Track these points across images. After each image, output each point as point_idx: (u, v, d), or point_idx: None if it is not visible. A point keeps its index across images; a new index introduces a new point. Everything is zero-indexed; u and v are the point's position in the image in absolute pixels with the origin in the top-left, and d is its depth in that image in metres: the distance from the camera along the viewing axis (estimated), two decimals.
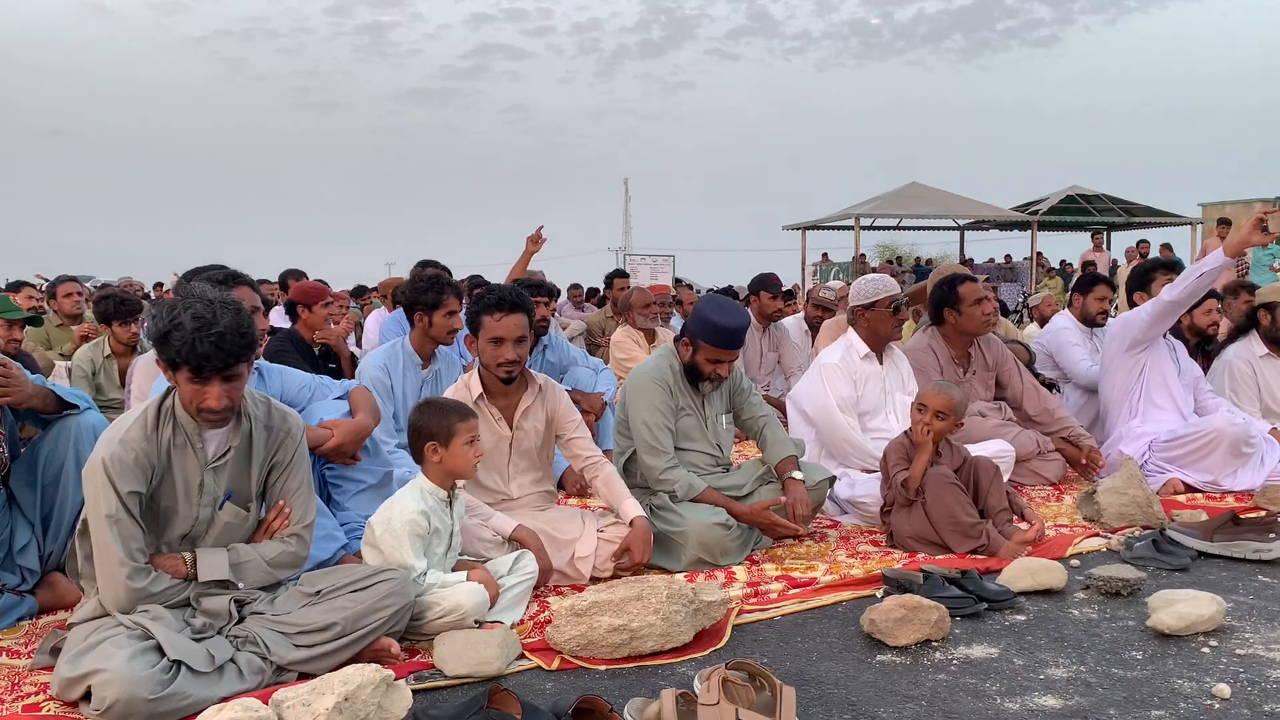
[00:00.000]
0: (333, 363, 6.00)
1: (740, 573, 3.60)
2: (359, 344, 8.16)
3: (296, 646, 2.62)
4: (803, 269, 25.01)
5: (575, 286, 15.43)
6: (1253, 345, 5.51)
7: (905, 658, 2.80)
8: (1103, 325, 5.92)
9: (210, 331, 2.52)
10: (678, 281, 22.70)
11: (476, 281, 7.01)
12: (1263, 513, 4.16)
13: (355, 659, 2.63)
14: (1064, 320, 6.09)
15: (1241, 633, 2.96)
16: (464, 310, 4.16)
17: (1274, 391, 5.43)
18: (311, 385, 3.68)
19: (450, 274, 6.37)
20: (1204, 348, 5.82)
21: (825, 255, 27.51)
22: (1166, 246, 17.27)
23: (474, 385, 3.63)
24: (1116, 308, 10.84)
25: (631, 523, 3.52)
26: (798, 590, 3.36)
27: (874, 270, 21.83)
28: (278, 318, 7.60)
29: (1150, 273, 5.78)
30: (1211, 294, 6.07)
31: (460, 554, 3.17)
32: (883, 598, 3.12)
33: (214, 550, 2.73)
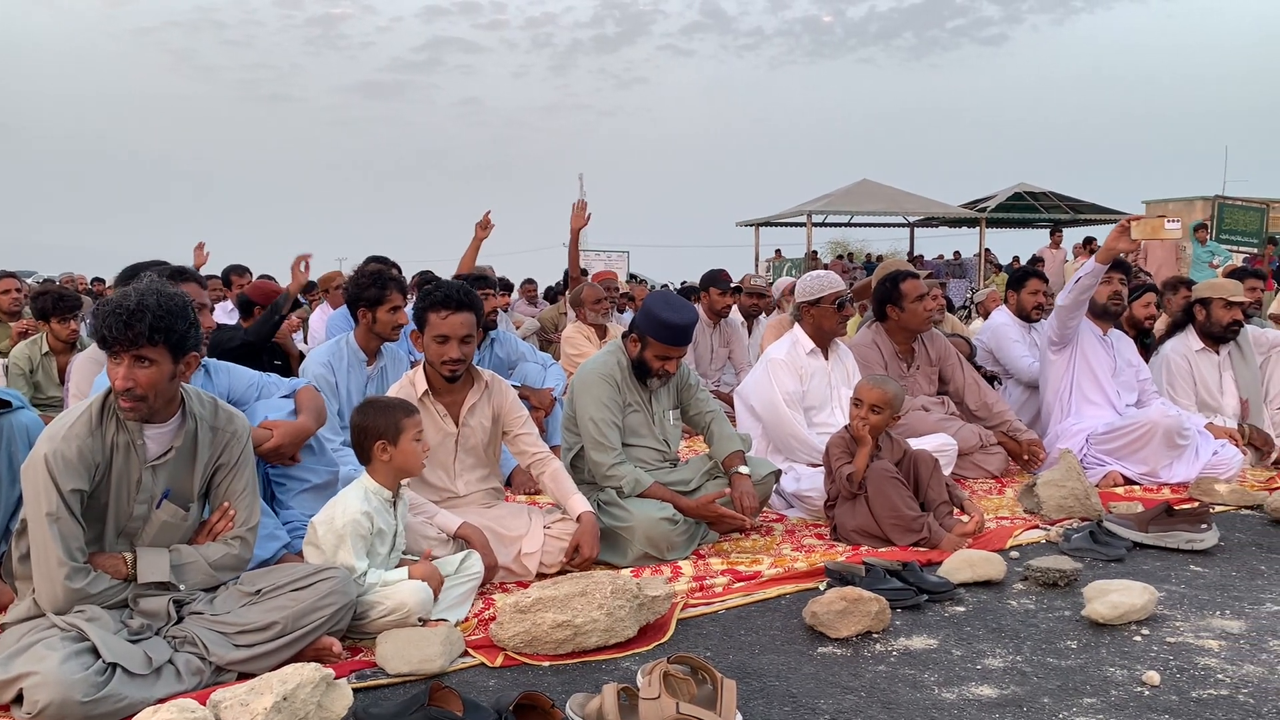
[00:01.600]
0: (279, 359, 5.94)
1: (686, 567, 3.62)
2: (305, 340, 8.07)
3: (236, 646, 2.59)
4: (756, 265, 25.11)
5: (529, 282, 15.35)
6: (1189, 340, 5.63)
7: (846, 649, 2.83)
8: (1039, 320, 6.03)
9: (123, 305, 2.50)
10: (632, 277, 22.72)
11: (426, 277, 6.95)
12: (1196, 504, 4.26)
13: (296, 658, 2.60)
14: (1002, 316, 6.19)
15: (1172, 621, 3.03)
16: (410, 306, 4.13)
17: (1209, 386, 5.56)
18: (259, 384, 3.63)
19: (399, 269, 6.33)
20: (1142, 341, 5.95)
21: (779, 251, 27.67)
22: (1091, 240, 17.58)
23: (419, 382, 3.61)
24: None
25: (579, 518, 3.53)
26: (742, 584, 3.39)
27: (825, 266, 22.02)
28: (223, 315, 7.50)
29: (1024, 279, 6.11)
30: (1150, 289, 6.22)
31: (405, 553, 3.16)
32: (825, 590, 3.16)
33: (155, 550, 2.69)
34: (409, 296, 5.07)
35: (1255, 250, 14.29)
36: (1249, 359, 5.62)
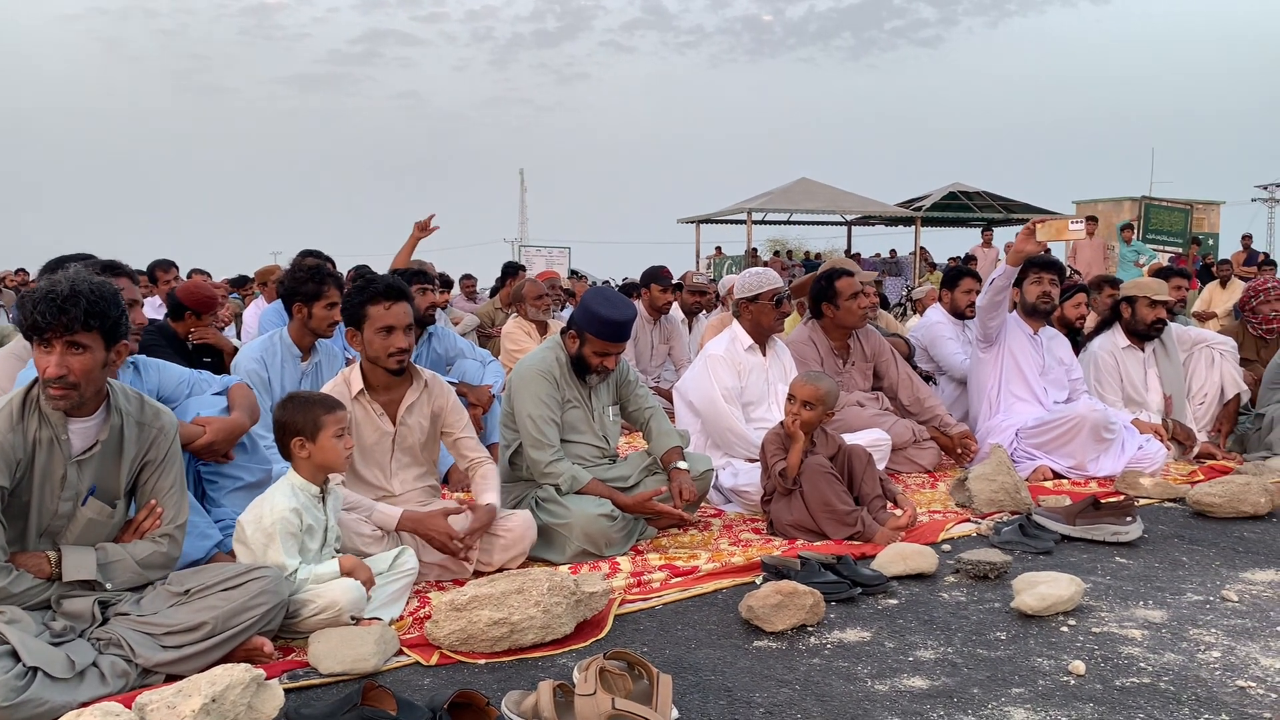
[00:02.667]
0: (209, 356, 5.81)
1: (624, 563, 3.63)
2: (239, 335, 7.93)
3: (164, 648, 2.54)
4: (697, 262, 25.23)
5: (468, 277, 15.23)
6: (1116, 337, 5.77)
7: (781, 643, 2.86)
8: (970, 317, 6.15)
9: (56, 291, 2.46)
10: (574, 273, 22.68)
11: (362, 272, 6.86)
12: (1121, 497, 4.37)
13: (227, 659, 2.56)
14: (937, 314, 6.30)
15: (1098, 612, 3.11)
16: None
17: (1134, 382, 5.70)
18: (190, 380, 3.56)
19: (333, 264, 6.23)
20: (1073, 339, 6.09)
21: (719, 248, 27.80)
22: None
23: (354, 380, 3.56)
24: None
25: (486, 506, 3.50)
26: (680, 579, 3.41)
27: (765, 264, 22.18)
28: (151, 310, 7.32)
29: (958, 278, 6.28)
30: (1081, 289, 6.36)
31: (340, 551, 3.12)
32: (761, 585, 3.18)
33: (80, 549, 2.63)
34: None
35: (1180, 250, 14.70)
36: (1172, 356, 5.78)
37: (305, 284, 4.32)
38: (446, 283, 11.37)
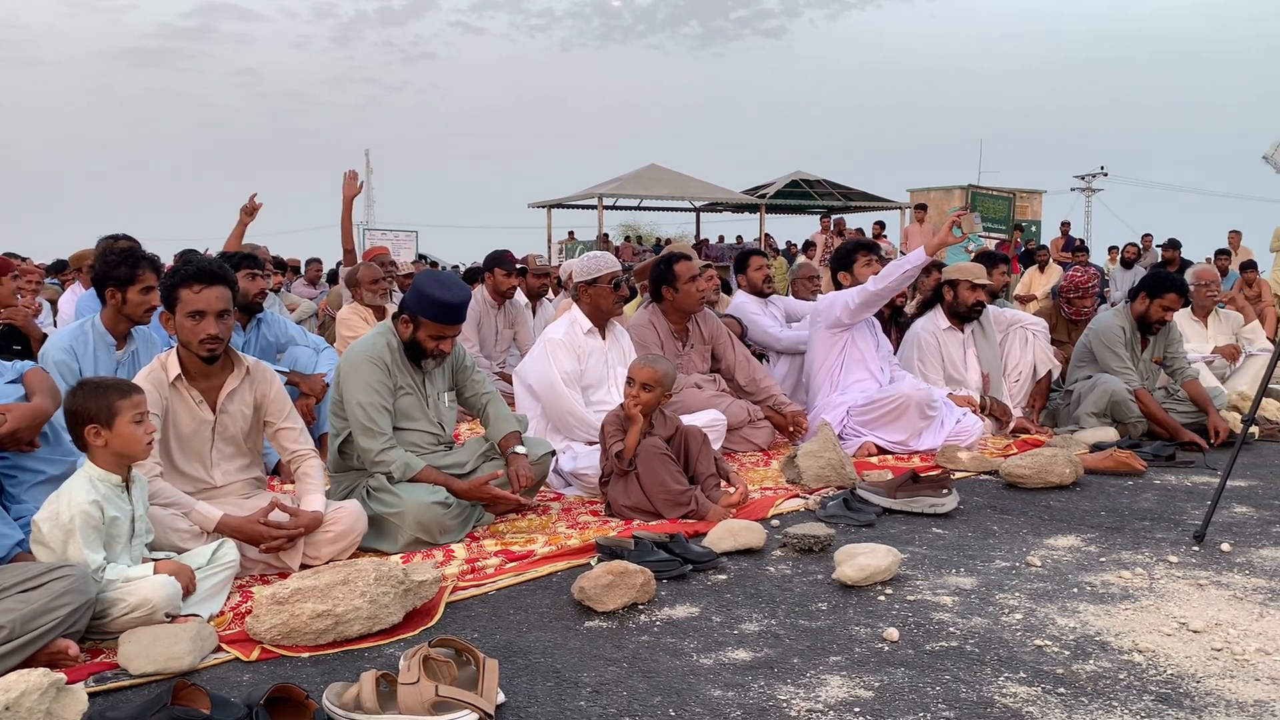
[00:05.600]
0: (18, 344, 5.47)
1: (459, 550, 3.59)
2: (56, 324, 7.46)
3: None
4: (549, 247, 25.12)
5: (314, 261, 14.75)
6: (938, 319, 6.05)
7: (612, 622, 2.89)
8: (769, 294, 6.42)
9: None
10: (421, 258, 22.23)
11: (189, 257, 6.55)
12: (939, 471, 4.60)
13: (27, 664, 2.41)
14: (741, 296, 6.54)
15: (913, 580, 3.26)
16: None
17: (955, 361, 6.00)
18: None
19: (142, 248, 5.92)
20: (896, 320, 6.36)
21: (571, 233, 27.74)
22: (880, 224, 18.70)
23: (171, 366, 3.40)
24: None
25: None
26: (515, 564, 3.40)
27: (617, 249, 22.30)
28: None
29: (852, 254, 6.10)
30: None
31: (154, 548, 2.98)
32: (595, 566, 3.21)
33: None
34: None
35: (1004, 236, 15.52)
36: (990, 337, 6.11)
37: (118, 268, 4.10)
38: (281, 266, 10.98)
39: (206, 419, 3.43)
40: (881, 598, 3.09)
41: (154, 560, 2.87)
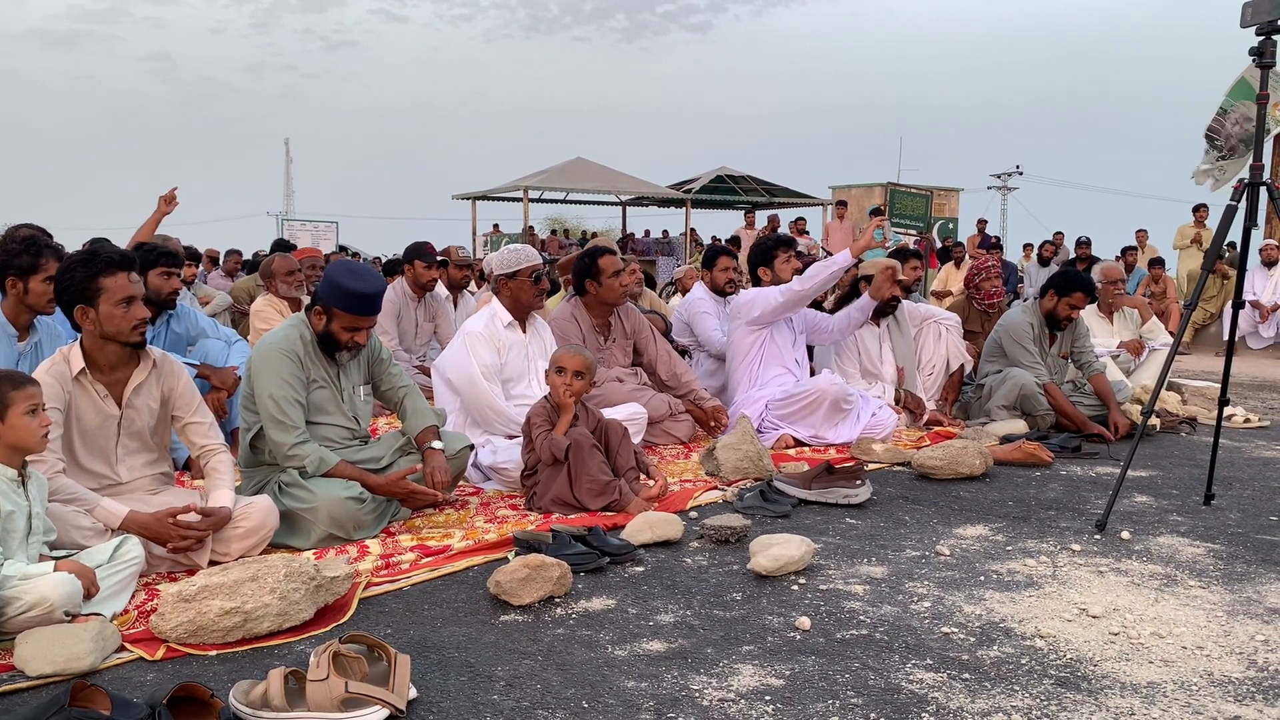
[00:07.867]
0: None
1: (374, 545, 3.55)
2: None
3: None
4: (474, 239, 24.90)
5: (234, 252, 14.42)
6: None
7: (528, 616, 2.89)
8: (732, 294, 6.38)
9: None
10: (342, 249, 21.88)
11: (96, 246, 6.33)
12: (854, 462, 4.68)
13: None
14: (699, 291, 6.50)
15: (826, 570, 3.32)
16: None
17: (871, 355, 6.11)
18: None
19: (50, 237, 5.74)
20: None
21: (496, 226, 27.54)
22: (801, 219, 18.95)
23: (74, 359, 3.30)
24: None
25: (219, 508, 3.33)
26: (430, 559, 3.37)
27: (543, 243, 22.20)
28: None
29: (773, 250, 6.13)
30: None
31: (55, 546, 2.89)
32: (513, 560, 3.20)
33: None
34: None
35: (920, 232, 15.83)
36: (905, 331, 6.23)
37: (19, 256, 3.96)
38: (194, 256, 10.71)
39: (112, 413, 3.34)
40: (795, 587, 3.14)
41: (54, 559, 2.77)
